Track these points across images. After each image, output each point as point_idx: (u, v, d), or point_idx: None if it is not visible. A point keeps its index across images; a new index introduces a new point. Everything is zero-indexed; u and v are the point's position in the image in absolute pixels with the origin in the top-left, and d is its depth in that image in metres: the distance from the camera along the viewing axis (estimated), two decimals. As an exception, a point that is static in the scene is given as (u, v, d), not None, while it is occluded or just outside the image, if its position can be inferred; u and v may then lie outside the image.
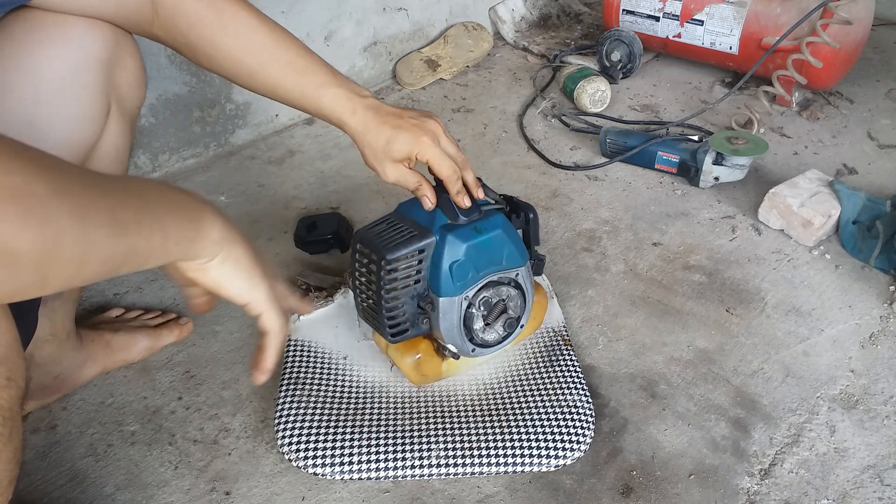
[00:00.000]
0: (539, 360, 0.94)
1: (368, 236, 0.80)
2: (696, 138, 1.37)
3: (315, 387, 0.89)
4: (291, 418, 0.85)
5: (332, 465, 0.80)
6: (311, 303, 0.69)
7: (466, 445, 0.82)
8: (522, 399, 0.88)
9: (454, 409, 0.88)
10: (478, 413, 0.87)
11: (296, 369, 0.91)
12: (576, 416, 0.85)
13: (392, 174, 0.78)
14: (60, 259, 0.40)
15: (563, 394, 0.88)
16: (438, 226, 0.79)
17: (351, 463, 0.80)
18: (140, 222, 0.46)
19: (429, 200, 0.79)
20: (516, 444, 0.82)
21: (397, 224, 0.81)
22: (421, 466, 0.80)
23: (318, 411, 0.86)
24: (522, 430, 0.84)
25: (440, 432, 0.84)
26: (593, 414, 0.87)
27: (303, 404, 0.87)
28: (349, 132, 0.77)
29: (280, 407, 0.86)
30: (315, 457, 0.81)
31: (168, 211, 0.50)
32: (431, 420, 0.86)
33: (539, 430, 0.84)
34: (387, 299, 0.79)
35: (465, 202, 0.80)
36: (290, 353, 0.94)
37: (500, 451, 0.82)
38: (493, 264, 0.81)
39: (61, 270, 0.41)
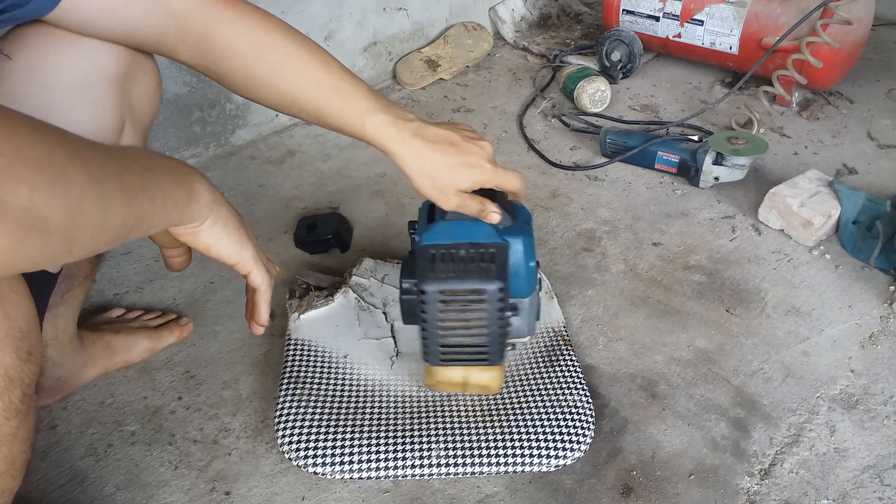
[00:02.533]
0: (539, 360, 0.94)
1: (446, 274, 0.71)
2: (696, 138, 1.37)
3: (315, 386, 0.89)
4: (291, 417, 0.85)
5: (332, 464, 0.80)
6: (273, 264, 0.71)
7: (466, 445, 0.82)
8: (522, 399, 0.89)
9: (454, 408, 0.88)
10: (478, 413, 0.87)
11: (296, 368, 0.91)
12: (576, 416, 0.85)
13: (455, 201, 0.73)
14: (84, 224, 0.42)
15: (563, 394, 0.88)
16: (502, 233, 0.75)
17: (351, 462, 0.80)
18: (144, 186, 0.48)
19: (497, 215, 0.74)
20: (516, 444, 0.82)
21: (458, 250, 0.73)
22: (421, 466, 0.80)
23: (318, 410, 0.86)
24: (522, 430, 0.84)
25: (440, 432, 0.84)
26: (593, 414, 0.87)
27: (303, 403, 0.87)
28: (397, 160, 0.72)
29: (280, 406, 0.86)
30: (315, 456, 0.81)
31: (164, 174, 0.52)
32: (431, 419, 0.86)
33: (539, 430, 0.84)
34: (503, 320, 0.74)
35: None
36: (291, 352, 0.94)
37: (500, 451, 0.82)
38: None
39: (85, 235, 0.43)
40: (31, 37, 0.65)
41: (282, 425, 0.84)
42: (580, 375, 0.91)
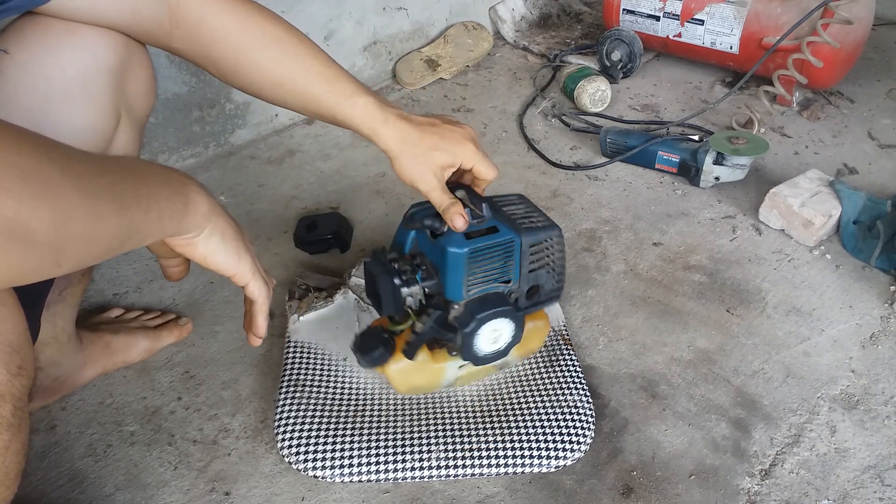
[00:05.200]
0: (539, 360, 0.94)
1: (538, 224, 0.80)
2: (696, 138, 1.37)
3: (315, 389, 0.89)
4: (291, 421, 0.85)
5: (332, 467, 0.80)
6: (270, 278, 0.70)
7: (467, 446, 0.82)
8: (522, 399, 0.88)
9: (454, 409, 0.88)
10: (478, 414, 0.87)
11: (296, 371, 0.91)
12: (576, 417, 0.85)
13: (433, 182, 0.74)
14: (72, 236, 0.41)
15: (563, 394, 0.88)
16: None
17: (351, 465, 0.80)
18: (138, 197, 0.48)
19: (462, 219, 0.73)
20: (516, 444, 0.82)
21: (513, 210, 0.81)
22: (421, 468, 0.80)
23: (318, 413, 0.86)
24: (522, 430, 0.84)
25: (440, 433, 0.84)
26: (593, 414, 0.86)
27: (302, 406, 0.86)
28: (381, 142, 0.73)
29: (280, 409, 0.86)
30: (315, 459, 0.81)
31: (159, 185, 0.51)
32: (431, 421, 0.86)
33: (539, 430, 0.84)
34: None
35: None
36: (290, 355, 0.94)
37: (501, 452, 0.81)
38: None
39: (74, 248, 0.42)
40: (29, 31, 0.65)
41: (281, 428, 0.84)
42: (580, 375, 0.91)
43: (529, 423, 0.85)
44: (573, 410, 0.86)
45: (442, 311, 0.78)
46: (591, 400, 0.88)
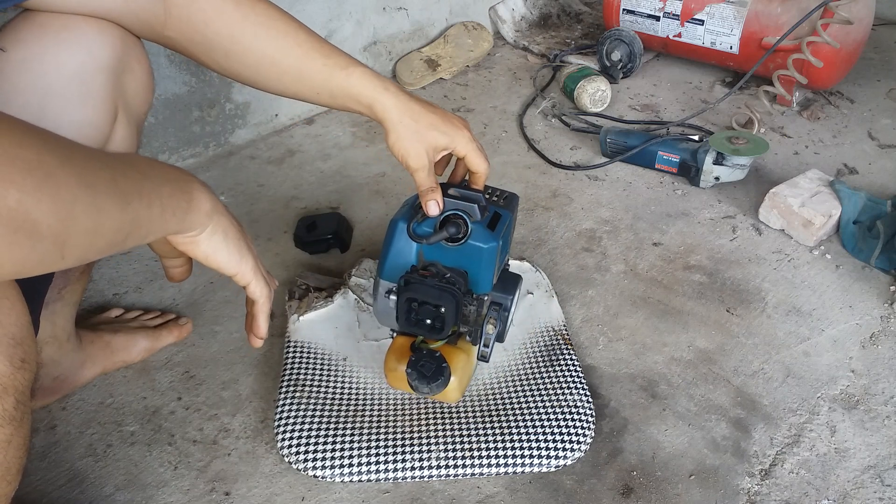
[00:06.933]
0: (539, 359, 0.94)
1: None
2: (696, 138, 1.37)
3: (315, 389, 0.89)
4: (291, 421, 0.85)
5: (332, 467, 0.80)
6: (272, 278, 0.69)
7: (467, 446, 0.82)
8: (522, 399, 0.88)
9: (454, 409, 0.88)
10: (478, 413, 0.87)
11: (296, 371, 0.91)
12: (576, 417, 0.85)
13: (424, 160, 0.74)
14: (75, 229, 0.42)
15: (563, 394, 0.88)
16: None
17: (351, 465, 0.80)
18: (140, 193, 0.48)
19: (437, 207, 0.75)
20: (516, 444, 0.82)
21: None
22: (421, 468, 0.80)
23: (318, 413, 0.86)
24: (522, 430, 0.84)
25: (440, 433, 0.84)
26: (593, 414, 0.86)
27: (302, 406, 0.86)
28: (379, 109, 0.72)
29: (280, 409, 0.86)
30: (315, 459, 0.81)
31: (162, 182, 0.51)
32: (431, 421, 0.86)
33: (539, 430, 0.84)
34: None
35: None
36: (290, 355, 0.94)
37: (501, 452, 0.81)
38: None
39: (77, 241, 0.42)
40: (26, 29, 0.65)
41: (282, 429, 0.84)
42: (580, 375, 0.91)
43: (529, 423, 0.85)
44: (573, 410, 0.86)
45: (482, 306, 0.79)
46: (591, 400, 0.88)
